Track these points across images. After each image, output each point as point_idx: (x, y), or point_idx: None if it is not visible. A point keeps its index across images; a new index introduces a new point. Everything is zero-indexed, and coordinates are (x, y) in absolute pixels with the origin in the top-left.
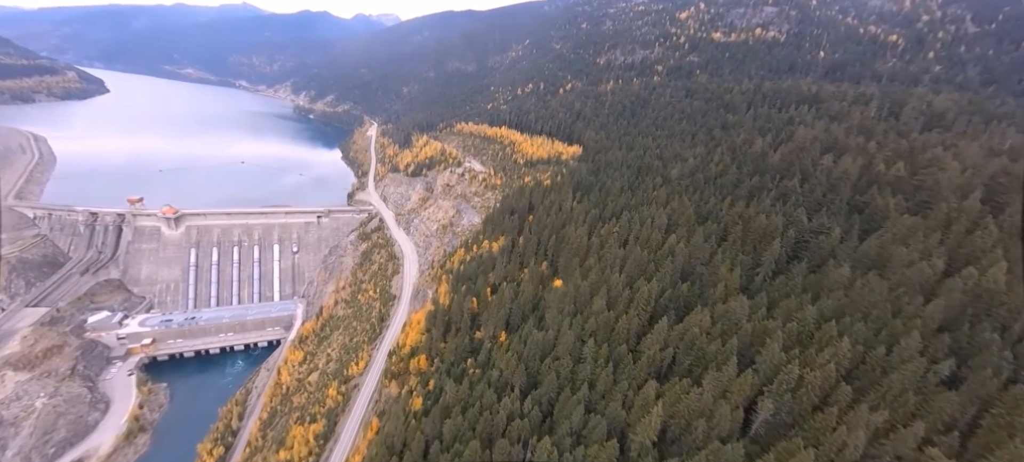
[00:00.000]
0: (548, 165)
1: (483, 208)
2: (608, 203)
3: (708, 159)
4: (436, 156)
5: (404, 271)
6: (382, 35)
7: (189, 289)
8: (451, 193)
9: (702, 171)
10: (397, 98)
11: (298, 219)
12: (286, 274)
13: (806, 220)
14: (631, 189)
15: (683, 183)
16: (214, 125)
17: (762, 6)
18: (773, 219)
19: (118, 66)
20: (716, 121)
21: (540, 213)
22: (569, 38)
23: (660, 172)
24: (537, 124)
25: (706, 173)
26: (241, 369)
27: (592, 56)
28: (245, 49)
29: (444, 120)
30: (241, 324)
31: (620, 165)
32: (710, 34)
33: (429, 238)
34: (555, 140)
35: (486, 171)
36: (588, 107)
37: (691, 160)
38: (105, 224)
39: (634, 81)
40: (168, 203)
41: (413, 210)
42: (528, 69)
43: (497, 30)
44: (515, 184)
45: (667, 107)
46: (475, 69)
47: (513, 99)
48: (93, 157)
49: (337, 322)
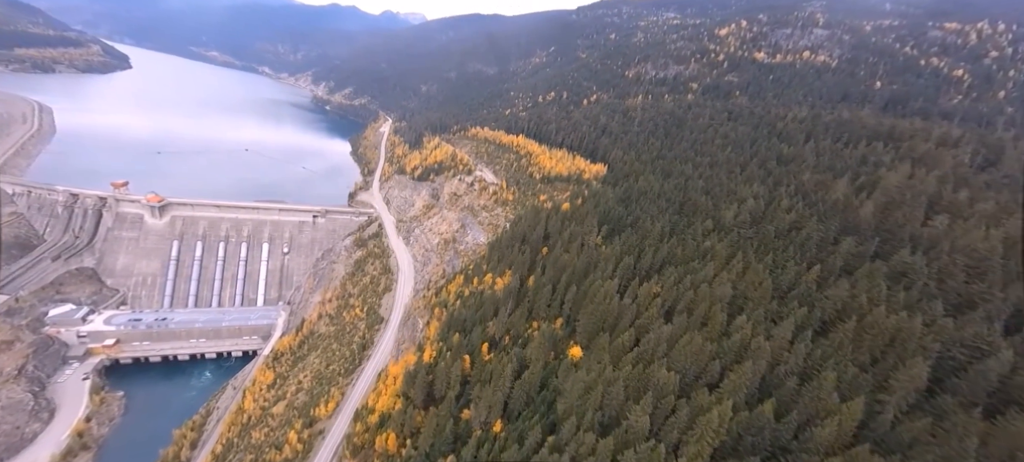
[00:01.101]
0: (567, 183)
1: (490, 226)
2: (646, 249)
3: (773, 202)
4: (446, 161)
5: (397, 289)
6: (407, 32)
7: (167, 285)
8: (458, 204)
9: (768, 218)
10: (415, 96)
11: (292, 217)
12: (273, 276)
13: (951, 325)
14: (675, 233)
15: (744, 233)
16: (227, 109)
17: (811, 28)
18: (904, 319)
19: (147, 44)
20: (768, 151)
21: (557, 248)
22: (596, 48)
23: (710, 212)
24: (557, 136)
25: (775, 222)
26: (209, 382)
27: (620, 68)
28: (271, 36)
29: (459, 122)
30: (215, 330)
31: (656, 196)
32: (752, 53)
33: (429, 252)
34: (577, 155)
35: (498, 183)
36: (615, 122)
37: (750, 201)
38: (85, 207)
39: (665, 97)
40: (153, 190)
41: (415, 218)
42: (551, 76)
43: (522, 35)
44: (529, 202)
45: (706, 129)
46: (496, 72)
47: (533, 106)
48: (94, 133)
49: (317, 341)
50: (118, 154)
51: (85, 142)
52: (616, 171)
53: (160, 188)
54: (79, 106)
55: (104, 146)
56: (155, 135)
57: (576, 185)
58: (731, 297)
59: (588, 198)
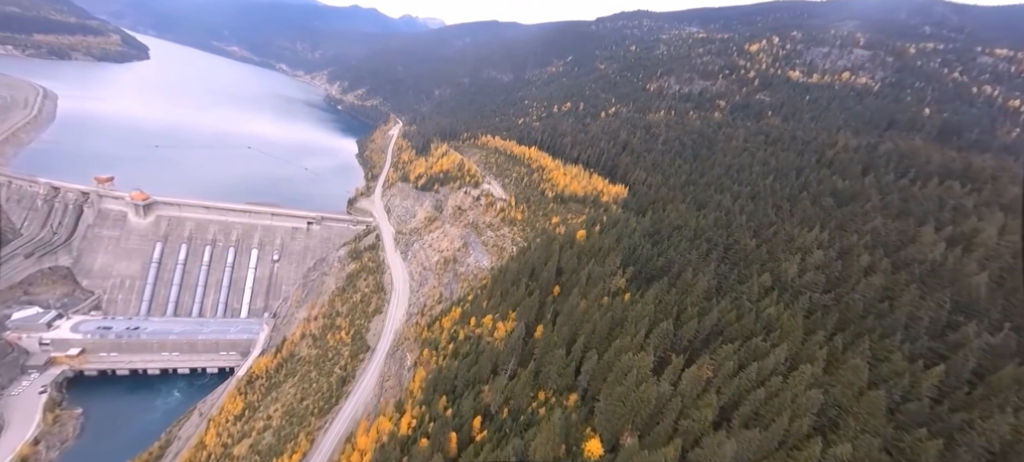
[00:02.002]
0: (583, 205)
1: (495, 248)
2: (687, 308)
3: (845, 254)
4: (452, 170)
5: (389, 310)
6: (424, 36)
7: (146, 289)
8: (461, 219)
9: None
10: (427, 99)
11: (285, 223)
12: (261, 285)
13: None
14: (723, 288)
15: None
16: (238, 103)
17: (851, 48)
18: None
19: (169, 36)
20: (820, 185)
21: (572, 291)
22: (615, 59)
23: (764, 262)
24: (573, 150)
25: (857, 286)
26: (176, 403)
27: (641, 81)
28: (291, 34)
29: (469, 130)
30: (190, 343)
31: (693, 234)
32: (785, 72)
33: (426, 271)
34: (594, 173)
35: (506, 199)
36: (636, 138)
37: (817, 253)
38: (66, 202)
39: (690, 114)
40: (139, 187)
41: (416, 231)
42: (567, 86)
43: (539, 43)
44: (539, 223)
45: (741, 153)
46: (511, 80)
47: (548, 116)
48: (94, 122)
49: (296, 365)
50: (114, 145)
51: (82, 131)
52: (640, 196)
53: (151, 184)
54: (86, 93)
55: (101, 136)
56: (157, 126)
57: (593, 208)
58: (820, 405)
59: (607, 226)
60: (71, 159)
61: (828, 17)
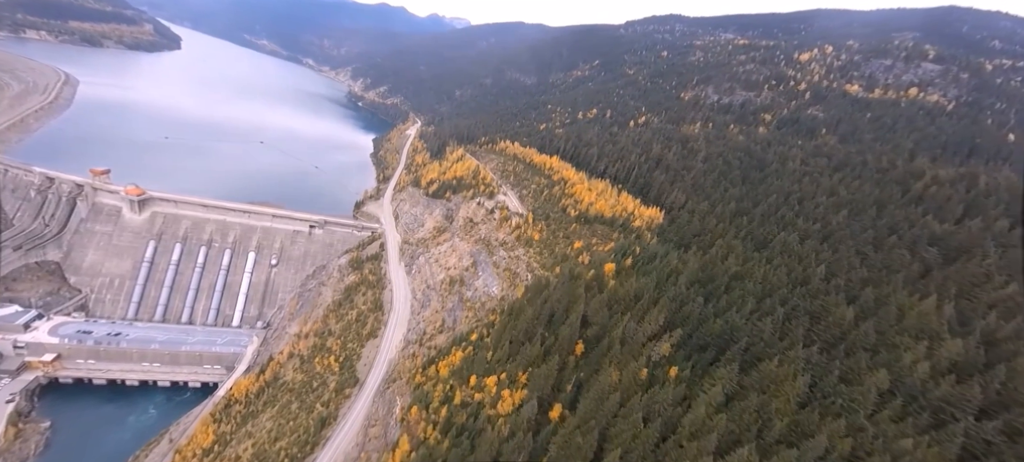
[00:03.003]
0: (611, 229)
1: (507, 272)
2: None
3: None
4: (467, 177)
5: (385, 334)
6: (449, 36)
7: (136, 290)
8: (472, 233)
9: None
10: (448, 100)
11: (286, 225)
12: (256, 291)
13: None
14: (821, 390)
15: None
16: (258, 96)
17: (918, 61)
18: None
19: (204, 28)
20: (911, 228)
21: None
22: (645, 65)
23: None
24: (599, 162)
25: None
26: (150, 421)
27: (674, 89)
28: (319, 30)
29: (488, 133)
30: (173, 355)
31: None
32: (842, 85)
33: (430, 290)
34: (623, 190)
35: (523, 213)
36: (672, 153)
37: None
38: (60, 193)
39: (731, 127)
40: (135, 181)
41: (423, 242)
42: (593, 92)
43: (565, 46)
44: (559, 248)
45: (800, 177)
46: (534, 83)
47: (572, 123)
48: (109, 110)
49: (278, 391)
50: (122, 134)
51: (94, 119)
52: (680, 225)
53: (152, 177)
54: (109, 81)
55: (112, 125)
56: (172, 117)
57: (623, 233)
58: None
59: (642, 260)
60: (75, 148)
61: (881, 27)
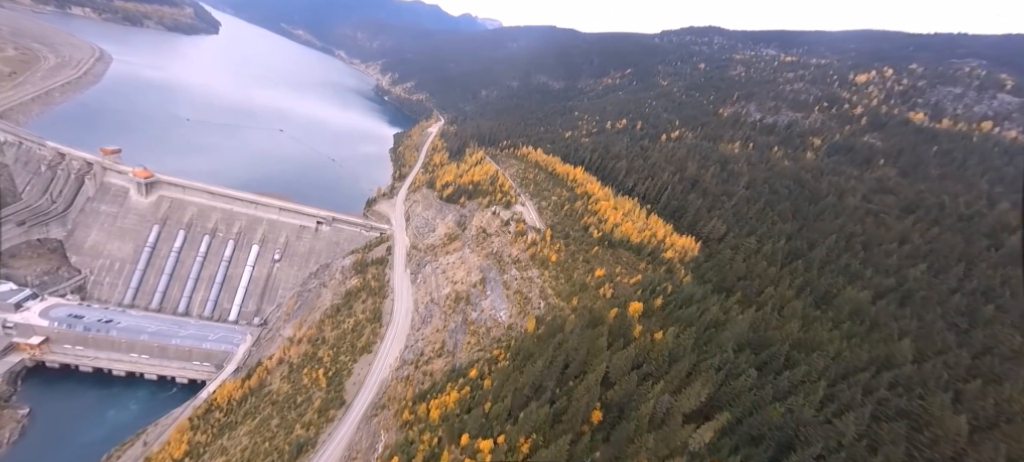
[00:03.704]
0: (639, 256)
1: (518, 295)
2: None
3: None
4: (484, 183)
5: (380, 350)
6: (480, 36)
7: (135, 275)
8: (484, 245)
9: None
10: (473, 99)
11: (292, 219)
12: (256, 285)
13: None
14: None
15: None
16: (287, 85)
17: (993, 91)
18: None
19: (244, 15)
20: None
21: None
22: (680, 76)
23: None
24: (628, 178)
25: None
26: (131, 416)
27: (712, 104)
28: (354, 23)
29: (510, 137)
30: (162, 348)
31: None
32: (904, 112)
33: (433, 305)
34: (653, 212)
35: (540, 229)
36: (710, 174)
37: None
38: (69, 170)
39: (775, 150)
40: (143, 163)
41: (432, 249)
42: (623, 101)
43: (595, 52)
44: (578, 274)
45: (862, 217)
46: (562, 87)
47: (599, 133)
48: (135, 89)
49: (261, 401)
50: (143, 114)
51: (118, 96)
52: (721, 262)
53: (167, 159)
54: (142, 60)
55: (134, 103)
56: (197, 99)
57: (652, 264)
58: None
59: (674, 302)
60: (93, 124)
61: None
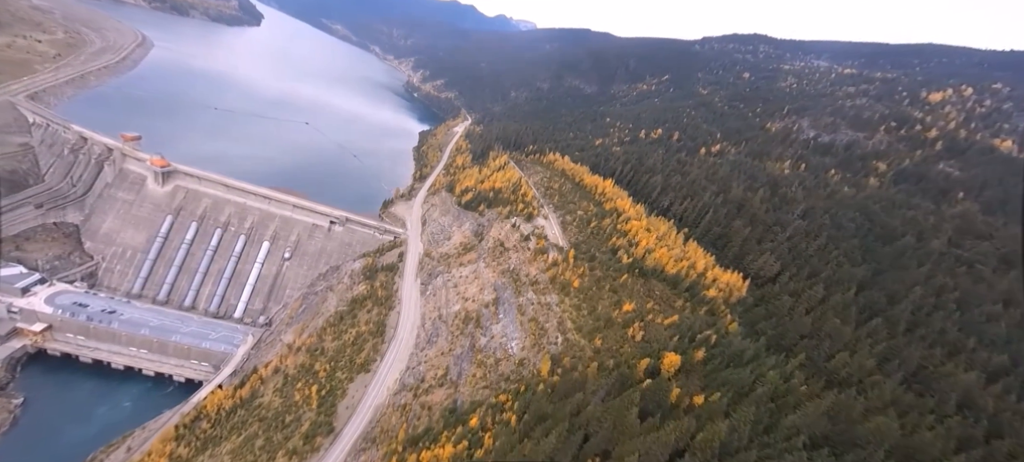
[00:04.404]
0: (675, 291)
1: (533, 324)
2: None
3: None
4: (505, 191)
5: (378, 372)
6: (513, 37)
7: (145, 265)
8: (501, 260)
9: None
10: (502, 100)
11: (306, 217)
12: (264, 283)
13: None
14: None
15: None
16: (317, 77)
17: None
18: None
19: (287, 8)
20: None
21: None
22: (722, 86)
23: None
24: (663, 196)
25: None
26: (123, 414)
27: (758, 117)
28: (390, 20)
29: (537, 142)
30: (161, 344)
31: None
32: (988, 138)
33: (440, 323)
34: (692, 238)
35: (563, 248)
36: (758, 199)
37: None
38: (90, 155)
39: (831, 172)
40: (160, 152)
41: (446, 258)
42: (659, 109)
43: (630, 57)
44: (603, 306)
45: (952, 266)
46: (594, 92)
47: (632, 142)
48: (170, 75)
49: (249, 416)
50: (171, 100)
51: (152, 82)
52: (778, 311)
53: (188, 148)
54: (182, 48)
55: (166, 90)
56: (229, 88)
57: (690, 301)
58: None
59: (718, 355)
60: (119, 109)
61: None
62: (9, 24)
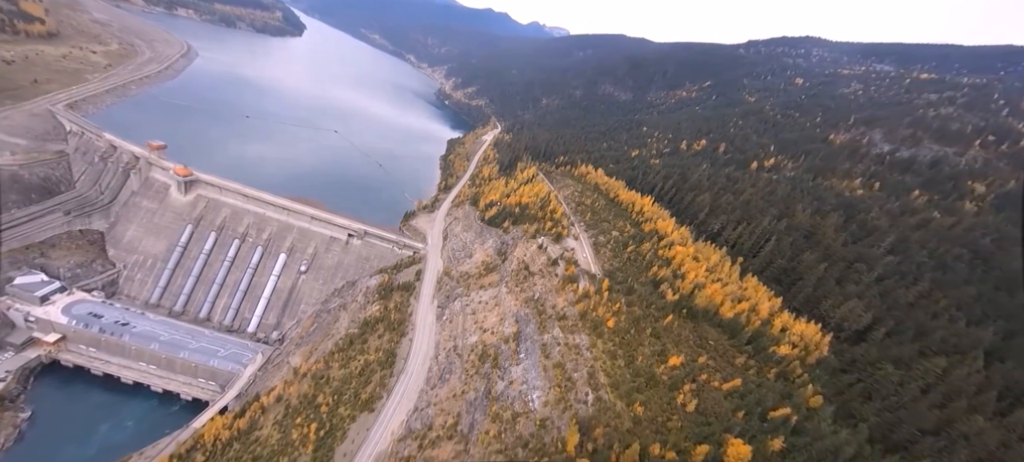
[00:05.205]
0: (733, 340)
1: (558, 372)
2: None
3: None
4: (533, 206)
5: (383, 411)
6: (546, 44)
7: (164, 274)
8: (524, 286)
9: None
10: (533, 107)
11: (324, 229)
12: (279, 297)
13: None
14: None
15: None
16: (351, 84)
17: None
18: None
19: (329, 20)
20: None
21: None
22: (771, 92)
23: None
24: (713, 219)
25: None
26: (126, 435)
27: (819, 127)
28: (425, 29)
29: (568, 152)
30: (169, 360)
31: None
32: None
33: (455, 356)
34: (750, 272)
35: (596, 276)
36: (831, 226)
37: None
38: (118, 163)
39: (915, 194)
40: (186, 161)
41: (466, 278)
42: (702, 118)
43: (669, 62)
44: (643, 356)
45: None
46: (629, 99)
47: (672, 153)
48: (211, 83)
49: (244, 452)
50: (205, 108)
51: (192, 91)
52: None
53: (212, 157)
54: (226, 58)
55: (202, 98)
56: (265, 94)
57: (755, 358)
58: None
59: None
60: (152, 117)
61: None
62: (71, 36)
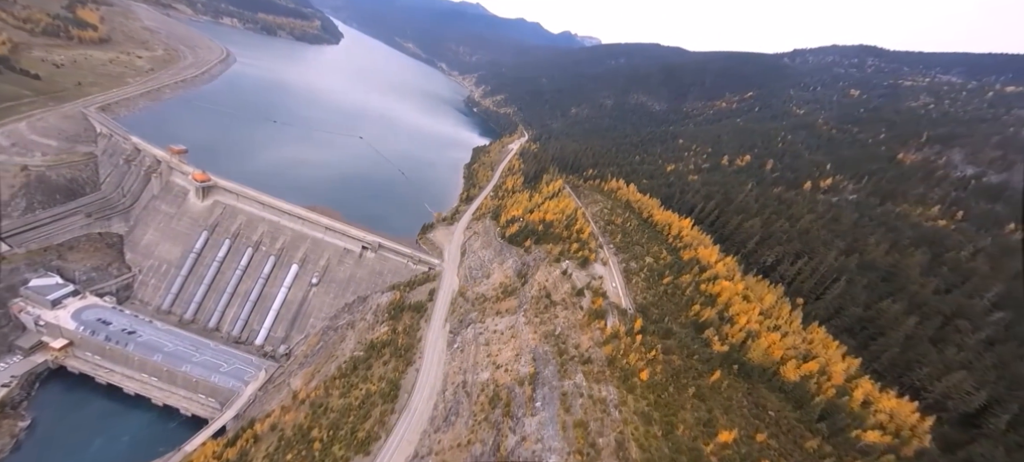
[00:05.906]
0: (800, 414)
1: (579, 431)
2: None
3: None
4: (558, 225)
5: (379, 455)
6: (577, 52)
7: (176, 281)
8: (545, 318)
9: None
10: (562, 116)
11: (337, 240)
12: (289, 309)
13: None
14: None
15: None
16: (383, 92)
17: None
18: None
19: (366, 29)
20: None
21: None
22: (822, 105)
23: None
24: (764, 250)
25: None
26: (123, 449)
27: (883, 145)
28: (457, 37)
29: (598, 165)
30: (171, 373)
31: None
32: None
33: (462, 395)
34: (814, 319)
35: (627, 311)
36: (914, 269)
37: None
38: (142, 166)
39: (1010, 228)
40: (205, 167)
41: (481, 300)
42: (743, 130)
43: (706, 72)
44: (683, 425)
45: None
46: (664, 109)
47: (712, 169)
48: (244, 88)
49: None
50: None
51: (224, 96)
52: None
53: (234, 162)
54: (262, 64)
55: (232, 103)
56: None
57: (830, 440)
58: None
59: None
60: (180, 121)
61: None
62: (120, 42)
